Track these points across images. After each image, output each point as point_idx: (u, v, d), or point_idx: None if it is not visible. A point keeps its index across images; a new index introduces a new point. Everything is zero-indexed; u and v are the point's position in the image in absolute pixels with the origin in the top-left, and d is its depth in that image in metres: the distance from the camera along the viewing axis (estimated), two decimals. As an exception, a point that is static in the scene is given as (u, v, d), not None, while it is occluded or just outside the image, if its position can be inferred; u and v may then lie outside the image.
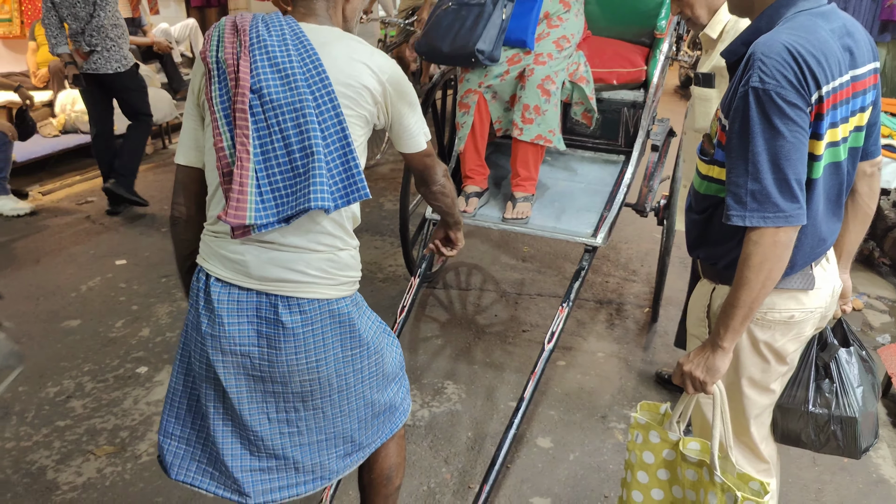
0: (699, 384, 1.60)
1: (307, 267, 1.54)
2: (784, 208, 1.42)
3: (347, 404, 1.67)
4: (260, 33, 1.48)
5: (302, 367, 1.57)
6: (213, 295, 1.55)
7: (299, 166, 1.45)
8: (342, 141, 1.48)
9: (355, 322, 1.62)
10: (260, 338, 1.55)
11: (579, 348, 3.52)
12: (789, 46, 1.40)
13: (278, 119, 1.45)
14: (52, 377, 3.19)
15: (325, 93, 1.47)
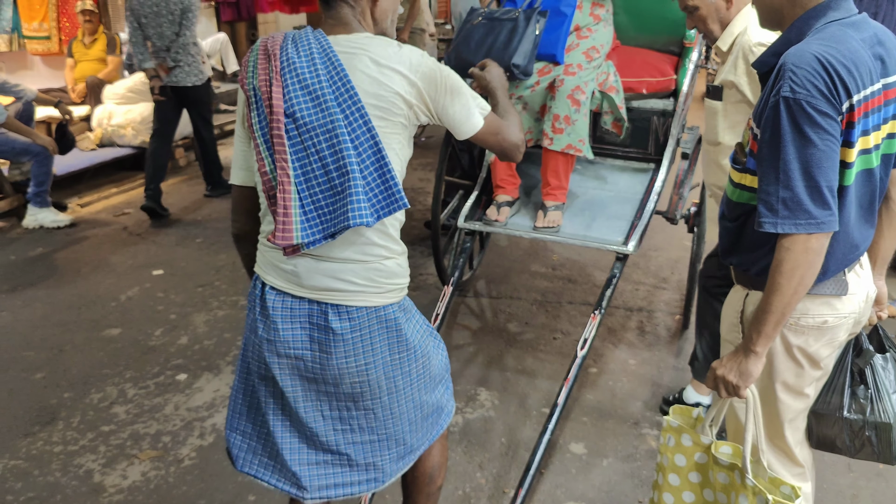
0: (732, 388, 1.63)
1: (355, 276, 1.60)
2: (816, 215, 1.45)
3: (397, 406, 1.72)
4: (290, 56, 1.52)
5: (352, 371, 1.64)
6: (269, 302, 1.64)
7: (337, 185, 1.51)
8: (376, 154, 1.52)
9: (402, 327, 1.68)
10: (312, 342, 1.63)
11: (611, 355, 3.54)
12: (819, 56, 1.44)
13: (314, 141, 1.50)
14: (95, 384, 3.29)
15: (355, 108, 1.51)
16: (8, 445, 2.84)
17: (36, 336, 3.74)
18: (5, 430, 2.94)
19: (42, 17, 7.18)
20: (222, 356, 3.52)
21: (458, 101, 1.62)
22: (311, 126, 1.50)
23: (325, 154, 1.50)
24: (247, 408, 1.77)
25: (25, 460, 2.75)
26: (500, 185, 3.34)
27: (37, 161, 5.19)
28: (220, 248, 4.95)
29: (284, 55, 1.53)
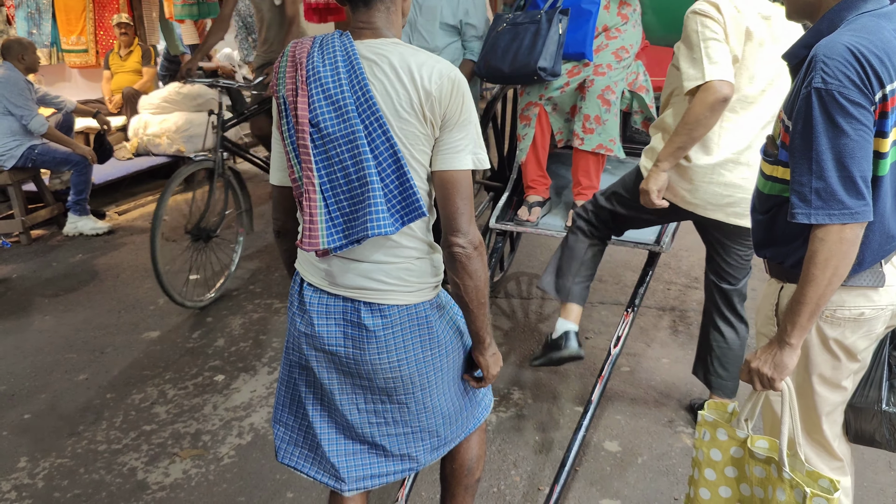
0: (767, 381, 1.63)
1: (385, 276, 1.63)
2: (850, 205, 1.45)
3: (431, 401, 1.75)
4: (315, 65, 1.53)
5: (385, 367, 1.67)
6: (306, 298, 1.69)
7: (358, 194, 1.53)
8: (395, 164, 1.53)
9: (433, 324, 1.70)
10: (346, 339, 1.66)
11: (643, 354, 3.53)
12: (851, 47, 1.44)
13: (337, 150, 1.53)
14: (136, 385, 3.37)
15: (374, 119, 1.51)
16: (54, 444, 2.92)
17: (78, 339, 3.84)
18: (51, 430, 3.02)
19: (80, 31, 7.37)
20: (258, 357, 3.58)
21: (461, 131, 1.57)
22: (334, 136, 1.52)
23: (347, 163, 1.53)
24: (289, 400, 1.82)
25: (71, 458, 2.83)
26: (532, 186, 3.36)
27: (76, 170, 5.33)
28: (253, 253, 5.03)
29: (311, 64, 1.54)
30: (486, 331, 1.73)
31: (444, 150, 1.57)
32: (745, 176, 2.41)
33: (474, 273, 1.61)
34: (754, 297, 4.00)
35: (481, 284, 1.63)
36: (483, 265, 1.63)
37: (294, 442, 1.82)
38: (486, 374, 1.79)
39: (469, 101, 1.58)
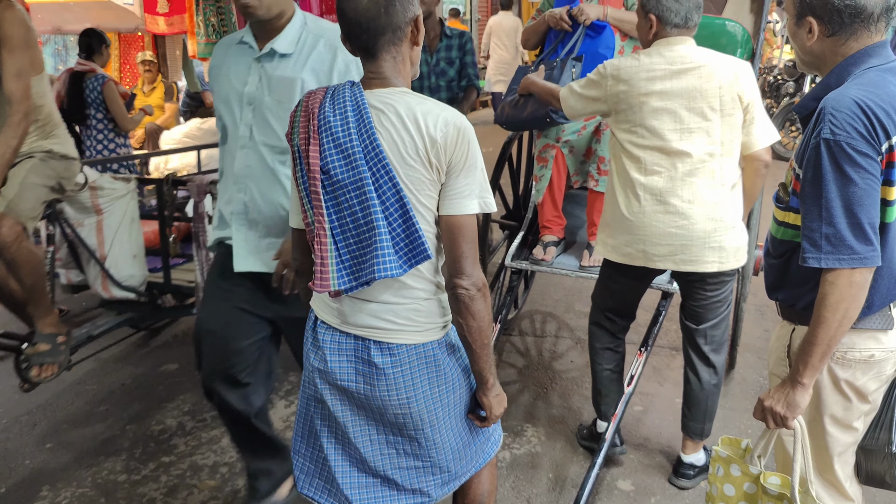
0: (780, 419, 1.68)
1: (395, 316, 1.69)
2: (858, 250, 1.51)
3: (440, 437, 1.79)
4: (326, 115, 1.61)
5: (394, 403, 1.72)
6: (320, 335, 1.77)
7: (366, 238, 1.60)
8: (402, 209, 1.59)
9: (442, 363, 1.75)
10: (357, 375, 1.73)
11: (656, 394, 3.56)
12: (858, 100, 1.52)
13: (346, 196, 1.60)
14: (155, 416, 3.42)
15: (381, 166, 1.57)
16: (75, 475, 2.97)
17: (98, 371, 3.90)
18: (72, 461, 3.07)
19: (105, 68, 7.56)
20: (275, 391, 3.62)
21: (467, 177, 1.62)
22: (343, 182, 1.60)
23: (355, 208, 1.60)
24: (306, 432, 1.88)
25: (92, 489, 2.88)
26: (547, 226, 3.43)
27: (99, 203, 5.43)
28: (271, 286, 5.10)
29: (322, 114, 1.62)
30: (490, 371, 1.76)
31: (450, 196, 1.62)
32: (680, 224, 2.47)
33: (477, 314, 1.65)
34: (767, 337, 4.03)
35: (484, 325, 1.68)
36: (486, 307, 1.67)
37: (312, 473, 1.87)
38: (489, 415, 1.82)
39: (475, 148, 1.63)
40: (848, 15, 1.59)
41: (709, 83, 2.39)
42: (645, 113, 2.46)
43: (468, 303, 1.64)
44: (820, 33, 1.64)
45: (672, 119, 2.43)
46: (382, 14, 1.58)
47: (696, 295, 2.69)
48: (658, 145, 2.46)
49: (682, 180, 2.44)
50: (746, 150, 2.49)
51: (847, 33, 1.62)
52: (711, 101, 2.39)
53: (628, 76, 2.47)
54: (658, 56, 2.45)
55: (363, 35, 1.60)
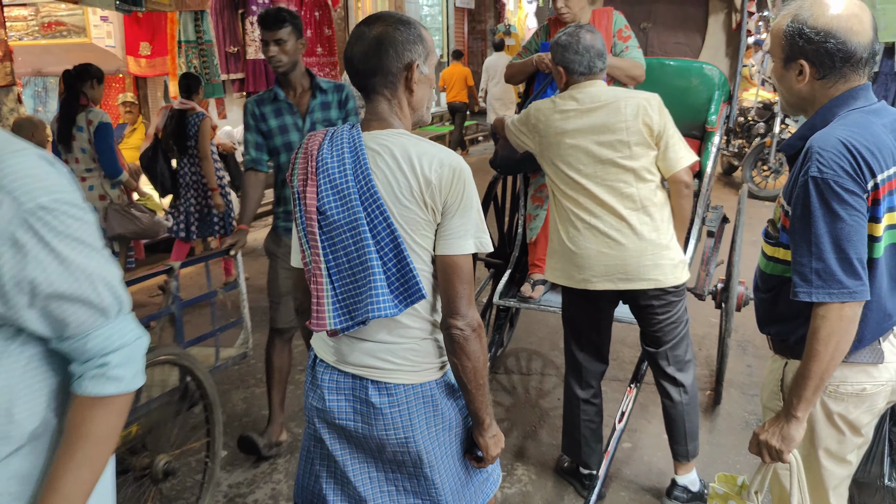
0: (775, 453, 1.70)
1: (392, 356, 1.70)
2: (848, 285, 1.56)
3: (439, 477, 1.77)
4: (324, 157, 1.65)
5: (392, 442, 1.72)
6: (318, 374, 1.78)
7: (361, 277, 1.62)
8: (396, 250, 1.61)
9: (440, 403, 1.75)
10: (356, 414, 1.73)
11: (644, 430, 3.57)
12: (844, 140, 1.58)
13: (342, 237, 1.63)
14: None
15: (376, 207, 1.60)
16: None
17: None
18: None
19: (88, 108, 7.56)
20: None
21: (463, 217, 1.63)
22: (339, 223, 1.63)
23: (350, 249, 1.63)
24: (307, 472, 1.87)
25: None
26: (536, 265, 3.46)
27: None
28: (254, 327, 5.05)
29: (321, 156, 1.66)
30: (486, 412, 1.75)
31: (446, 236, 1.64)
32: (611, 245, 2.61)
33: (472, 354, 1.65)
34: (751, 373, 4.07)
35: (480, 366, 1.67)
36: (482, 347, 1.67)
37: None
38: (486, 456, 1.80)
39: (470, 188, 1.65)
40: (840, 59, 1.65)
41: (615, 117, 2.58)
42: (562, 150, 2.66)
43: (463, 343, 1.64)
44: (811, 76, 1.70)
45: (585, 154, 2.62)
46: (373, 58, 1.64)
47: (649, 319, 2.78)
48: (577, 178, 2.65)
49: (604, 207, 2.62)
50: (666, 174, 2.64)
51: (837, 76, 1.68)
52: (619, 134, 2.58)
53: (545, 117, 2.70)
54: (570, 98, 2.67)
55: (357, 76, 1.69)
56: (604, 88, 2.65)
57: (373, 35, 1.64)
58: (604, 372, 3.01)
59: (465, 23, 15.85)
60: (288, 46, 3.03)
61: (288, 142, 3.14)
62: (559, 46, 2.65)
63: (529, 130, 2.77)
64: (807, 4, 1.67)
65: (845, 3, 1.65)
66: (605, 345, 2.96)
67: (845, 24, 1.62)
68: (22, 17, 7.44)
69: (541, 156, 2.77)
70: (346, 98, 3.21)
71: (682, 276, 2.67)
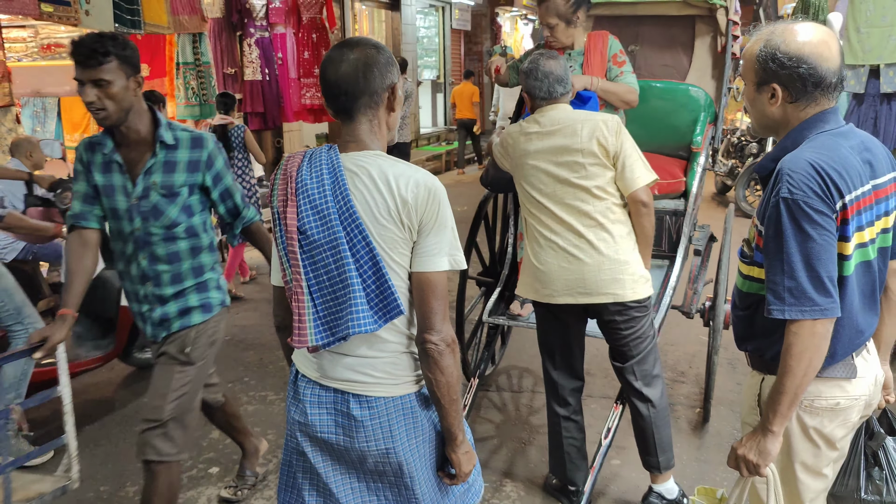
0: (752, 467, 1.74)
1: (373, 370, 1.75)
2: (819, 302, 1.61)
3: (418, 486, 1.81)
4: (303, 178, 1.70)
5: (373, 453, 1.77)
6: (300, 388, 1.83)
7: (341, 294, 1.67)
8: (374, 267, 1.66)
9: (419, 415, 1.80)
10: (337, 426, 1.78)
11: (632, 447, 3.57)
12: (812, 162, 1.63)
13: (322, 255, 1.68)
14: (130, 477, 3.38)
15: (355, 226, 1.65)
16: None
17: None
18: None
19: (83, 129, 7.63)
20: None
21: (437, 236, 1.69)
22: (319, 242, 1.67)
23: (330, 266, 1.67)
24: (290, 487, 1.90)
25: (65, 551, 2.82)
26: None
27: (75, 263, 5.42)
28: (247, 345, 5.10)
29: (300, 177, 1.70)
30: (459, 427, 1.78)
31: (421, 254, 1.69)
32: (571, 261, 2.74)
33: (446, 369, 1.69)
34: (740, 390, 4.10)
35: (453, 381, 1.71)
36: (455, 362, 1.71)
37: None
38: (458, 472, 1.82)
39: (445, 208, 1.70)
40: (811, 84, 1.71)
41: (571, 139, 2.71)
42: (526, 171, 2.82)
43: (437, 358, 1.68)
44: (783, 99, 1.76)
45: (545, 174, 2.77)
46: (360, 79, 1.68)
47: (614, 334, 2.86)
48: (538, 198, 2.80)
49: (563, 224, 2.75)
50: (625, 193, 2.74)
51: (808, 100, 1.74)
52: (575, 156, 2.71)
53: (514, 140, 2.87)
54: (533, 122, 2.82)
55: (342, 97, 1.70)
56: (564, 112, 2.78)
57: (355, 58, 1.68)
58: (580, 388, 3.06)
59: (462, 44, 16.03)
60: (114, 89, 2.32)
61: (113, 207, 2.48)
62: (522, 73, 2.81)
63: (505, 152, 2.93)
64: (778, 30, 1.73)
65: (815, 30, 1.71)
66: (578, 361, 3.03)
67: (816, 51, 1.69)
68: (21, 39, 7.53)
69: (514, 177, 2.91)
70: (208, 158, 2.51)
71: (642, 291, 2.75)
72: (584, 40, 3.42)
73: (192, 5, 6.77)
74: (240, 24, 8.66)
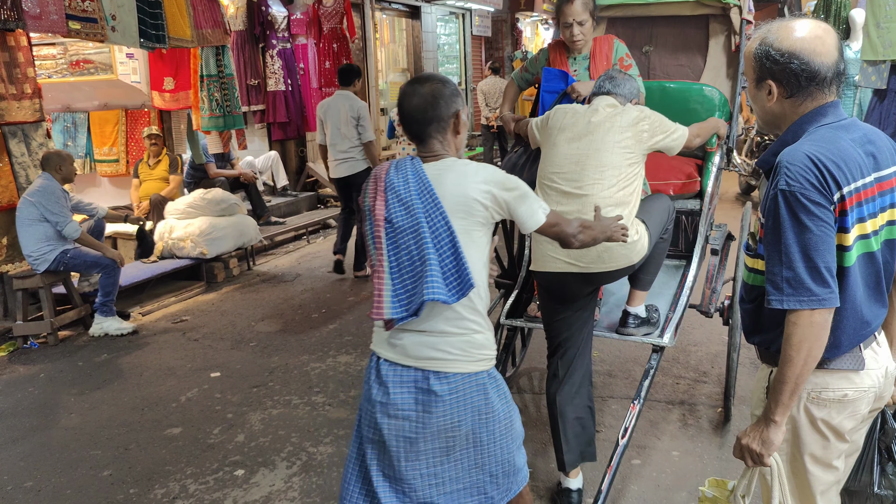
0: (756, 456, 1.76)
1: (450, 347, 2.05)
2: (817, 292, 1.63)
3: (480, 458, 2.12)
4: (390, 178, 2.08)
5: (447, 426, 2.05)
6: (383, 371, 2.11)
7: (420, 272, 1.99)
8: (452, 247, 1.99)
9: (489, 392, 2.10)
10: (416, 404, 2.06)
11: (654, 447, 3.60)
12: (810, 155, 1.66)
13: (404, 239, 2.02)
14: (158, 480, 3.46)
15: (437, 213, 2.00)
16: (79, 537, 3.00)
17: (103, 436, 3.95)
18: (76, 524, 3.10)
19: (112, 143, 7.82)
20: (277, 452, 3.67)
21: (525, 202, 2.10)
22: (402, 228, 2.03)
23: (411, 249, 2.01)
24: (359, 475, 2.16)
25: (95, 551, 2.90)
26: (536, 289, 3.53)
27: (105, 273, 5.57)
28: (272, 351, 5.18)
29: (388, 178, 2.08)
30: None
31: (522, 220, 2.12)
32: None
33: (589, 235, 2.30)
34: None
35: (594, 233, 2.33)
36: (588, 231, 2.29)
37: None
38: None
39: (512, 183, 2.10)
40: (805, 78, 1.74)
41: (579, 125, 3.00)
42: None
43: (585, 241, 2.29)
44: (779, 95, 1.79)
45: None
46: (429, 109, 2.09)
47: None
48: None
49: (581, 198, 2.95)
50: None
51: (804, 95, 1.76)
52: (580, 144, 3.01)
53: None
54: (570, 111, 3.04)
55: (415, 125, 2.12)
56: (607, 103, 3.03)
57: (425, 91, 2.10)
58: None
59: (483, 50, 16.07)
60: None
61: None
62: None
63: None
64: (774, 28, 1.76)
65: (809, 26, 1.74)
66: (560, 332, 3.09)
67: (808, 46, 1.71)
68: (51, 56, 7.73)
69: None
70: None
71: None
72: (590, 44, 3.46)
73: (215, 19, 6.91)
74: (262, 37, 8.82)
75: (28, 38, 5.69)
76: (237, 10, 8.43)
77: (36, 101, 5.75)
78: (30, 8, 4.93)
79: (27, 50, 5.65)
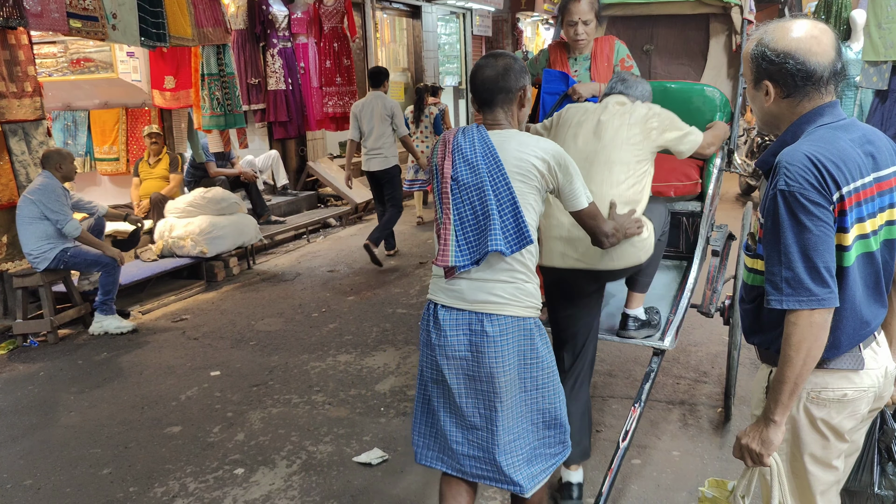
0: (756, 456, 1.76)
1: (503, 292, 2.26)
2: (816, 292, 1.63)
3: (524, 404, 2.33)
4: (458, 141, 2.29)
5: (497, 368, 2.24)
6: (440, 316, 2.32)
7: (482, 225, 2.22)
8: (512, 205, 2.21)
9: (535, 338, 2.30)
10: (471, 346, 2.27)
11: (654, 447, 3.60)
12: (809, 155, 1.66)
13: (469, 195, 2.25)
14: (158, 478, 3.46)
15: (499, 173, 2.22)
16: (78, 536, 3.00)
17: (102, 434, 3.95)
18: (76, 522, 3.10)
19: (112, 141, 7.81)
20: (277, 451, 3.67)
21: (574, 182, 2.32)
22: (468, 186, 2.25)
23: (475, 204, 2.24)
24: (425, 414, 2.43)
25: (95, 549, 2.90)
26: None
27: (105, 271, 5.57)
28: (272, 350, 5.18)
29: (455, 141, 2.30)
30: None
31: (568, 197, 2.34)
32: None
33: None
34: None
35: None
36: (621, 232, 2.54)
37: (429, 447, 2.44)
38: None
39: (568, 161, 2.31)
40: (800, 78, 1.74)
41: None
42: None
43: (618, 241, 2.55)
44: (776, 95, 1.79)
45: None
46: (500, 80, 2.30)
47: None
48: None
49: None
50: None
51: (801, 95, 1.77)
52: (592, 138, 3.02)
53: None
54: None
55: (486, 93, 2.33)
56: (620, 101, 3.08)
57: (499, 64, 2.31)
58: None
59: (483, 50, 16.08)
60: None
61: None
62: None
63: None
64: (770, 29, 1.76)
65: (806, 27, 1.74)
66: (566, 329, 3.07)
67: (804, 46, 1.71)
68: (52, 55, 7.73)
69: None
70: None
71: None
72: (591, 45, 3.46)
73: (216, 17, 6.91)
74: (263, 36, 8.81)
75: (29, 37, 5.69)
76: (238, 9, 8.43)
77: (36, 99, 5.76)
78: (31, 6, 4.92)
79: (28, 48, 5.66)
